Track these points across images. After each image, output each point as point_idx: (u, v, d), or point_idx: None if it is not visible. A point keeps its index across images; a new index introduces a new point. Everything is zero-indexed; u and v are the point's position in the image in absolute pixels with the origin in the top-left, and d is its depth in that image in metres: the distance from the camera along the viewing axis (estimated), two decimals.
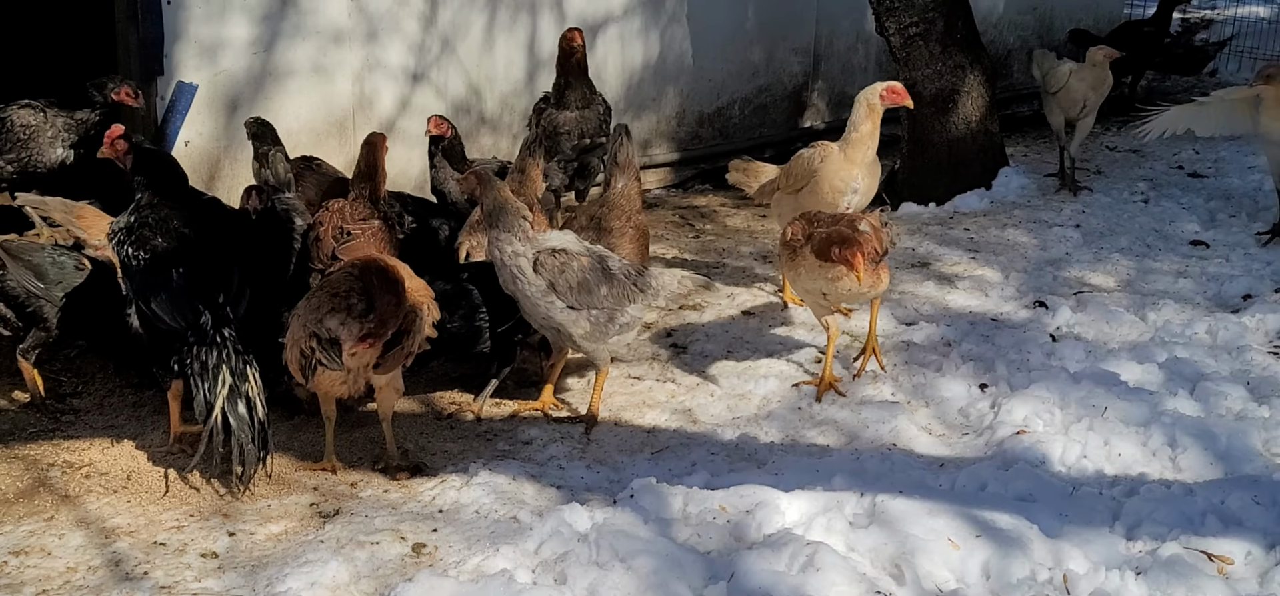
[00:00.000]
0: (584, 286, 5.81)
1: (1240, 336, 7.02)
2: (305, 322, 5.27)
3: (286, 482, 5.48)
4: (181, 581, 4.67)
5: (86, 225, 6.67)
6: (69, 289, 5.85)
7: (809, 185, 7.33)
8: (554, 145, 7.93)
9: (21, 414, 6.01)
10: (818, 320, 6.50)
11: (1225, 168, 11.00)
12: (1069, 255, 8.71)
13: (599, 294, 5.84)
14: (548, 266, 5.78)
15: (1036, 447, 5.67)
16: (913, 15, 9.58)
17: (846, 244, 6.01)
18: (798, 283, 6.37)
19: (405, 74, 9.02)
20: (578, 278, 5.80)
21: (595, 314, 5.85)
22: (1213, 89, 13.16)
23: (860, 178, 7.27)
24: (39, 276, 5.82)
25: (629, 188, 7.04)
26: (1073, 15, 13.57)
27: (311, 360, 5.25)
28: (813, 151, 7.41)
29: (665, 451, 5.91)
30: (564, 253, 5.83)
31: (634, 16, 10.21)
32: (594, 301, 5.84)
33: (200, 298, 5.37)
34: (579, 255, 5.86)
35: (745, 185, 8.08)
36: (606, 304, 5.86)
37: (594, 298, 5.84)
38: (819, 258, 6.08)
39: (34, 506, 5.19)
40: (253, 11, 8.19)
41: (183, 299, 5.37)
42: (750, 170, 8.09)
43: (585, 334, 5.89)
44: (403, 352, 5.36)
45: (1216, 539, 4.86)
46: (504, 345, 6.19)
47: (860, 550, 4.77)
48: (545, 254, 5.80)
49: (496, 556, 4.73)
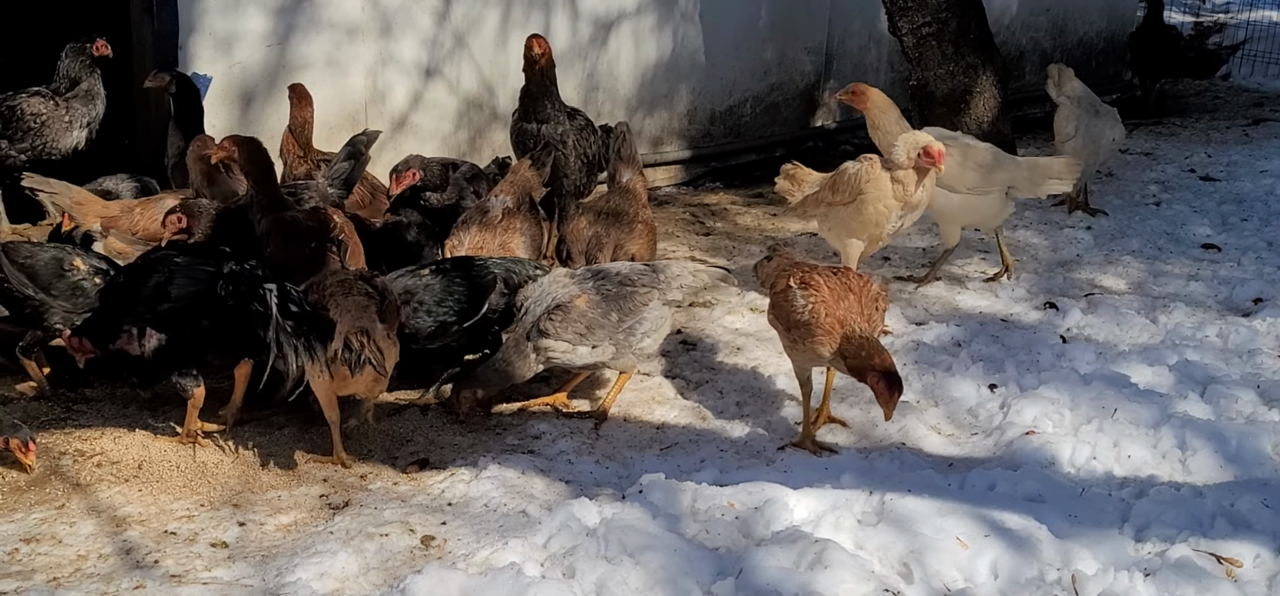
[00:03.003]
0: (593, 326, 5.81)
1: (1251, 340, 7.01)
2: (355, 319, 5.34)
3: (296, 474, 5.50)
4: (192, 570, 4.68)
5: (84, 212, 6.69)
6: (70, 291, 5.83)
7: (854, 204, 7.09)
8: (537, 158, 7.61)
9: (34, 403, 6.03)
10: (800, 377, 5.90)
11: (1237, 171, 10.99)
12: (1080, 257, 8.70)
13: (611, 322, 5.84)
14: (550, 331, 5.78)
15: (1046, 448, 5.67)
16: (926, 15, 9.57)
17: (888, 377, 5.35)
18: (795, 350, 5.79)
19: (418, 69, 9.03)
20: (583, 324, 5.80)
21: (618, 337, 5.87)
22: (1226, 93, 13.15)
23: (903, 213, 7.06)
24: (31, 278, 5.81)
25: (634, 182, 7.06)
26: (1086, 17, 13.57)
27: (360, 356, 5.29)
28: (858, 168, 7.09)
29: (674, 447, 5.92)
30: (559, 311, 5.80)
31: (647, 14, 10.22)
32: (609, 332, 5.85)
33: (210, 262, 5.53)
34: (575, 300, 5.83)
35: (790, 194, 7.57)
36: (623, 324, 5.87)
37: (608, 329, 5.85)
38: (852, 372, 5.47)
39: (45, 494, 5.21)
40: (267, 5, 8.22)
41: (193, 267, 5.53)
42: (798, 176, 7.59)
43: (613, 357, 5.93)
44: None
45: (1226, 541, 4.85)
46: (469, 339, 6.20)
47: (869, 548, 4.77)
48: (544, 320, 5.79)
49: (505, 549, 4.74)
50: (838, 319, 5.46)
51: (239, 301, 5.34)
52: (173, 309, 5.48)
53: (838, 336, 5.45)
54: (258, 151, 6.24)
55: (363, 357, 5.27)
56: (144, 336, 5.48)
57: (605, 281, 5.95)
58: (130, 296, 5.58)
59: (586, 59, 9.91)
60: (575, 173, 7.81)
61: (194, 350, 5.51)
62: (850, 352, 5.42)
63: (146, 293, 5.53)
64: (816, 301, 5.52)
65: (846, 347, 5.43)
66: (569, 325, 5.77)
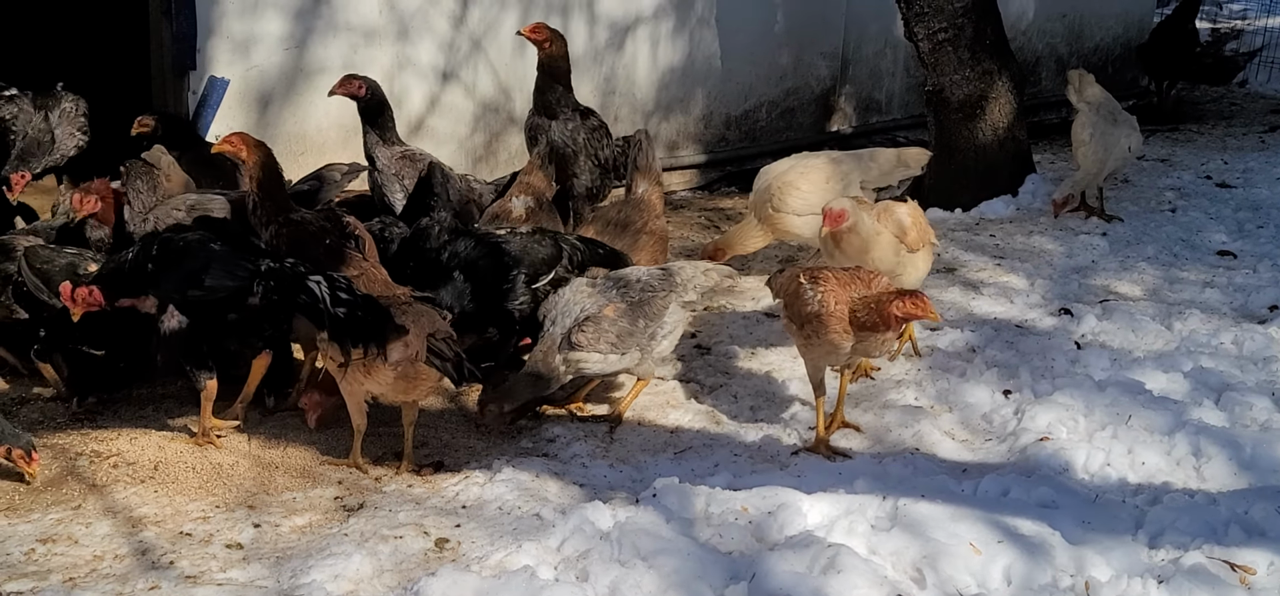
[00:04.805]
0: (624, 335, 5.83)
1: (1266, 347, 6.99)
2: (432, 321, 5.43)
3: (312, 476, 5.52)
4: (207, 571, 4.71)
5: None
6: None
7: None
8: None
9: (50, 403, 6.06)
10: (814, 379, 5.87)
11: (1254, 178, 10.95)
12: (1095, 263, 8.68)
13: (639, 329, 5.86)
14: (583, 343, 5.79)
15: (1060, 454, 5.67)
16: (942, 21, 9.56)
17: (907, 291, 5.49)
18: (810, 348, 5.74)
19: (435, 73, 9.06)
20: (614, 333, 5.81)
21: (642, 341, 5.89)
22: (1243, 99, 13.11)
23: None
24: (46, 282, 5.85)
25: (650, 193, 7.05)
26: (1103, 23, 13.53)
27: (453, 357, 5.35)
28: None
29: (688, 451, 5.93)
30: (591, 322, 5.81)
31: (664, 19, 10.24)
32: (637, 339, 5.86)
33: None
34: (603, 310, 5.84)
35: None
36: (648, 330, 5.88)
37: (636, 336, 5.86)
38: (877, 323, 5.44)
39: (62, 494, 5.24)
40: (286, 8, 8.25)
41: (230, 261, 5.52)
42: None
43: (638, 363, 5.94)
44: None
45: (1240, 549, 4.85)
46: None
47: (882, 553, 4.78)
48: (575, 333, 5.80)
49: (519, 552, 4.75)
50: (847, 301, 5.50)
51: (282, 297, 5.37)
52: (203, 298, 5.49)
53: (849, 322, 5.49)
54: (268, 158, 6.17)
55: (456, 357, 5.32)
56: (165, 313, 5.50)
57: (628, 289, 5.95)
58: (166, 270, 5.55)
59: (603, 63, 9.93)
60: (586, 174, 7.79)
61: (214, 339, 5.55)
62: (863, 311, 5.46)
63: (179, 273, 5.52)
64: (825, 291, 5.54)
65: (859, 311, 5.47)
66: (602, 336, 5.78)
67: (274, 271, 5.47)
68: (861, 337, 5.55)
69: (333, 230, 6.11)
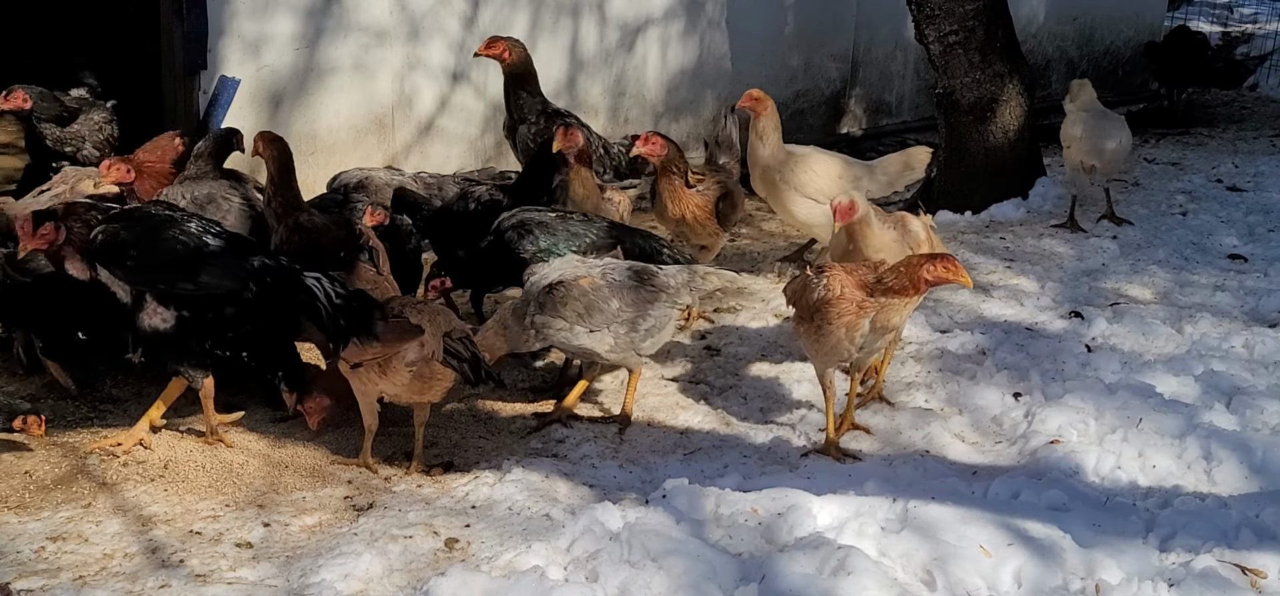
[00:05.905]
0: (591, 309, 5.77)
1: (1277, 351, 6.97)
2: (447, 320, 5.44)
3: (321, 475, 5.53)
4: (217, 570, 4.71)
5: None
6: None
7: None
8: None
9: (61, 402, 6.07)
10: (824, 380, 5.86)
11: (1264, 182, 10.93)
12: (1106, 266, 8.67)
13: (610, 310, 5.81)
14: (547, 306, 5.77)
15: (1070, 457, 5.66)
16: (953, 23, 9.54)
17: (938, 255, 5.49)
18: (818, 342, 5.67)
19: (446, 73, 9.07)
20: (582, 305, 5.76)
21: (616, 328, 5.84)
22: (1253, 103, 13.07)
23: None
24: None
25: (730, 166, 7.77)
26: (1113, 25, 13.51)
27: (469, 356, 5.38)
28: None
29: (698, 452, 5.93)
30: (561, 287, 5.78)
31: (674, 21, 10.24)
32: (608, 320, 5.81)
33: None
34: (579, 279, 5.81)
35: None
36: (623, 315, 5.83)
37: (608, 316, 5.80)
38: (907, 287, 5.41)
39: (72, 493, 5.25)
40: (297, 8, 8.26)
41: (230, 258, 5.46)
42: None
43: (611, 349, 5.88)
44: None
45: (1250, 552, 4.84)
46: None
47: (892, 555, 4.77)
48: (542, 295, 5.80)
49: (529, 553, 4.75)
50: (856, 284, 5.49)
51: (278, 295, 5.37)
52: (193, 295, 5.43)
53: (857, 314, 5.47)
54: (283, 150, 6.25)
55: (473, 357, 5.35)
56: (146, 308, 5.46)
57: (614, 270, 5.93)
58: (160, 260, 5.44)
59: (613, 65, 9.93)
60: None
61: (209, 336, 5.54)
62: (892, 276, 5.44)
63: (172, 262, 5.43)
64: (831, 277, 5.54)
65: (886, 277, 5.45)
66: (569, 303, 5.75)
67: (267, 269, 5.45)
68: (881, 309, 5.46)
69: (345, 242, 6.14)
